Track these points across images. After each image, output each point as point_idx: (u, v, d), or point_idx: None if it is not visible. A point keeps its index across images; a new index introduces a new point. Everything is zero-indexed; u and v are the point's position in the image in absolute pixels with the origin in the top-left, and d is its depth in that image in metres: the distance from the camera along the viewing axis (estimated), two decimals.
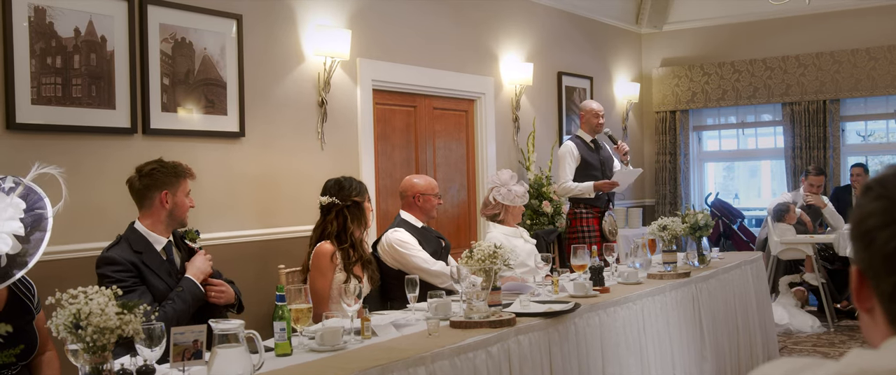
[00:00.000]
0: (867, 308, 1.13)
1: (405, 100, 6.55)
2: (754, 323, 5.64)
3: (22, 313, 2.86)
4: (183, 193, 3.60)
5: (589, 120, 6.59)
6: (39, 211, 2.65)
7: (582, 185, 6.36)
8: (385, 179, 6.26)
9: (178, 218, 3.59)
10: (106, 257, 3.44)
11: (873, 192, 1.11)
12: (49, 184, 2.75)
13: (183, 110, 4.82)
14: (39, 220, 2.62)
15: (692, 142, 9.86)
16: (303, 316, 3.06)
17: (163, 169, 3.61)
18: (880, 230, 1.07)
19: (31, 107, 4.13)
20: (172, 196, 3.56)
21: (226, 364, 2.32)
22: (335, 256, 4.14)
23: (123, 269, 3.38)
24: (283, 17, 5.44)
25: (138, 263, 3.43)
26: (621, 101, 9.35)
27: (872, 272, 1.10)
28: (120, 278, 3.34)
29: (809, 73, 8.91)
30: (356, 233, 4.22)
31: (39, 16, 4.16)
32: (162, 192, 3.55)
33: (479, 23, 7.17)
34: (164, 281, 3.48)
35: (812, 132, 8.92)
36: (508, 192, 5.20)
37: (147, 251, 3.50)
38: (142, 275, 3.43)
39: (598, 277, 4.41)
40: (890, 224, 1.06)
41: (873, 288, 1.10)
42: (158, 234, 3.56)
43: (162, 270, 3.50)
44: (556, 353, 3.61)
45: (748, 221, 9.57)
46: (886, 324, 1.10)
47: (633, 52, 9.71)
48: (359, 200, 4.25)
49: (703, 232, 5.32)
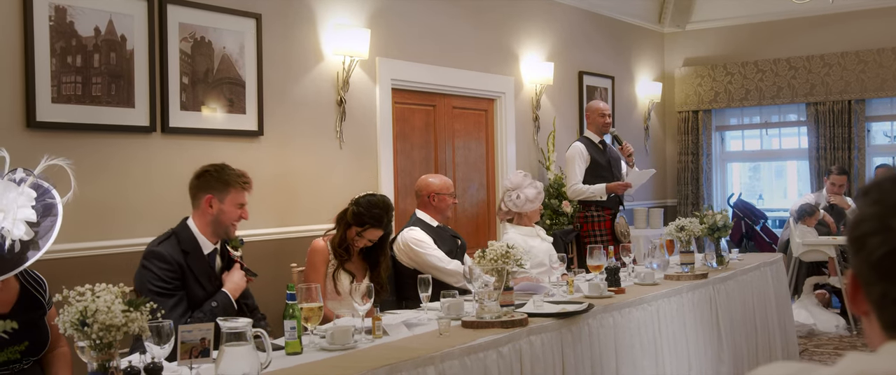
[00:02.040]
0: (863, 312, 1.12)
1: (424, 100, 6.56)
2: (773, 325, 5.59)
3: (33, 307, 2.90)
4: (231, 203, 3.50)
5: (595, 119, 6.55)
6: (50, 200, 2.70)
7: (594, 188, 6.29)
8: (404, 178, 6.27)
9: (223, 225, 3.51)
10: (155, 252, 3.40)
11: (869, 198, 1.10)
12: (58, 177, 2.80)
13: (202, 109, 4.86)
14: (50, 208, 2.68)
15: (715, 143, 9.79)
16: (314, 315, 3.07)
17: (215, 173, 3.54)
18: (871, 236, 1.07)
19: (52, 105, 4.18)
20: (218, 202, 3.49)
21: (233, 363, 2.34)
22: (328, 253, 4.15)
23: (169, 269, 3.35)
24: (302, 17, 5.46)
25: (183, 265, 3.40)
26: (643, 101, 9.30)
27: (864, 278, 1.10)
28: (163, 277, 3.33)
29: (834, 73, 8.82)
30: (349, 242, 4.19)
31: (60, 15, 4.20)
32: (207, 196, 3.49)
33: (500, 22, 7.16)
34: (204, 287, 3.43)
35: (837, 132, 8.83)
36: (518, 198, 5.18)
37: (194, 252, 3.46)
38: (184, 279, 3.39)
39: (614, 278, 4.39)
40: (881, 231, 1.06)
41: (865, 293, 1.10)
42: (207, 238, 3.51)
43: (203, 276, 3.46)
44: (569, 354, 3.61)
45: (772, 222, 9.49)
46: (880, 329, 1.09)
47: (656, 51, 9.66)
48: (349, 218, 4.16)
49: (721, 233, 5.29)
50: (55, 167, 2.77)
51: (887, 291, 1.06)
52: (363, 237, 4.16)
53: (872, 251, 1.06)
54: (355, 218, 4.15)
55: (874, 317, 1.10)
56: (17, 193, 2.62)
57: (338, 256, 4.15)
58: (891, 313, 1.07)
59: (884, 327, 1.09)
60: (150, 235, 4.55)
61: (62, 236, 4.17)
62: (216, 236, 3.55)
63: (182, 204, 4.73)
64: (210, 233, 3.53)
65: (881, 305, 1.08)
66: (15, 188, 2.63)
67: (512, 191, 5.23)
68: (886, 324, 1.08)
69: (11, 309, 2.83)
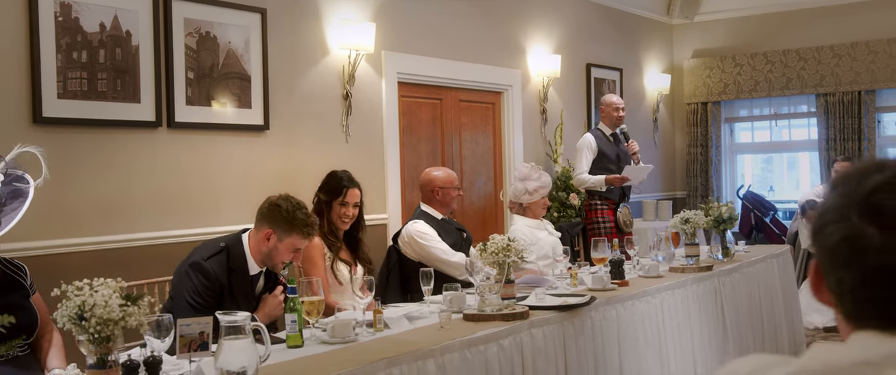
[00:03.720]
0: (827, 302, 1.13)
1: (431, 93, 6.57)
2: (780, 317, 5.58)
3: (14, 288, 2.96)
4: (288, 247, 3.44)
5: (609, 113, 6.71)
6: (20, 186, 2.78)
7: (595, 179, 6.51)
8: (411, 172, 6.28)
9: (273, 261, 3.48)
10: (202, 267, 3.37)
11: (835, 191, 1.11)
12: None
13: (207, 104, 4.88)
14: (19, 193, 2.77)
15: (724, 134, 9.75)
16: (315, 309, 3.09)
17: (285, 212, 3.45)
18: (830, 224, 1.08)
19: (58, 101, 4.21)
20: (276, 240, 3.43)
21: (232, 356, 2.35)
22: (323, 246, 4.18)
23: (209, 287, 3.34)
24: (308, 11, 5.48)
25: (225, 285, 3.38)
26: (652, 93, 9.28)
27: (823, 267, 1.11)
28: (201, 292, 3.32)
29: (844, 64, 8.77)
30: (336, 223, 4.24)
31: (65, 11, 4.23)
32: (268, 230, 3.44)
33: (506, 15, 7.16)
34: (239, 305, 3.38)
35: (846, 123, 8.78)
36: (516, 188, 5.21)
37: (240, 272, 3.45)
38: (221, 297, 3.37)
39: (618, 270, 4.39)
40: (839, 220, 1.06)
41: (826, 283, 1.11)
42: (255, 261, 3.49)
43: (241, 295, 3.44)
44: (571, 347, 3.61)
45: (782, 214, 9.46)
46: (844, 320, 1.10)
47: (664, 43, 9.63)
48: (322, 197, 4.26)
49: (726, 225, 5.28)
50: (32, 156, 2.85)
51: (842, 278, 1.06)
52: (348, 204, 4.25)
53: (828, 238, 1.07)
54: (330, 192, 4.25)
55: (837, 308, 1.11)
56: None
57: (331, 245, 4.19)
58: (848, 301, 1.07)
59: (845, 317, 1.09)
60: (155, 230, 4.61)
61: (68, 231, 4.24)
62: (264, 264, 3.53)
63: (187, 198, 4.78)
64: (259, 259, 3.50)
65: (839, 293, 1.08)
66: None
67: (517, 182, 5.26)
68: (847, 314, 1.09)
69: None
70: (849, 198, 1.06)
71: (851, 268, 1.04)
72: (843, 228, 1.05)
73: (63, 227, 4.24)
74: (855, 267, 1.04)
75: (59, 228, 4.21)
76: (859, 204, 1.04)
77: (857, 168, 1.10)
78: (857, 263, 1.04)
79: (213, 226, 4.82)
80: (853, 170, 1.10)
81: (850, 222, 1.04)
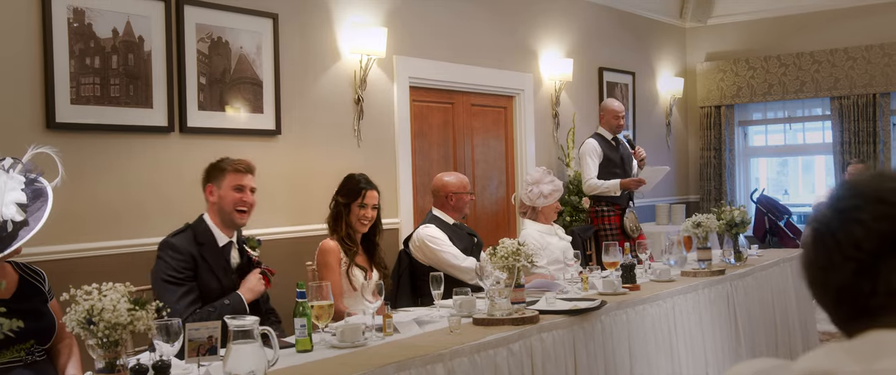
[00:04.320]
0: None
1: (443, 97, 6.57)
2: (794, 322, 5.56)
3: (33, 294, 2.99)
4: (228, 186, 3.58)
5: (609, 120, 6.70)
6: (39, 185, 2.80)
7: (608, 183, 6.47)
8: (422, 177, 6.29)
9: (226, 212, 3.58)
10: (169, 243, 3.49)
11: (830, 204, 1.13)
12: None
13: (219, 109, 4.90)
14: (40, 192, 2.79)
15: (737, 138, 9.72)
16: (324, 313, 3.10)
17: (214, 164, 3.67)
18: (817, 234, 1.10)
19: (71, 106, 4.24)
20: (217, 189, 3.59)
21: (241, 360, 2.37)
22: (339, 251, 4.17)
23: (181, 259, 3.44)
24: (319, 16, 5.50)
25: (197, 256, 3.48)
26: (665, 96, 9.25)
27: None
28: (175, 267, 3.41)
29: (859, 67, 8.72)
30: (355, 226, 4.22)
31: (78, 17, 4.26)
32: (208, 186, 3.62)
33: (518, 19, 7.16)
34: (219, 279, 3.51)
35: (861, 126, 8.74)
36: (531, 192, 5.19)
37: (209, 244, 3.55)
38: (197, 269, 3.47)
39: (629, 274, 4.38)
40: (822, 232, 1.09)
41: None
42: (221, 231, 3.60)
43: (218, 268, 3.53)
44: (581, 351, 3.61)
45: (797, 218, 9.40)
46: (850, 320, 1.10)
47: (677, 46, 9.61)
48: (341, 200, 4.23)
49: (739, 228, 5.26)
50: (47, 157, 2.87)
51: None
52: (367, 206, 4.21)
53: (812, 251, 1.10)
54: (349, 195, 4.22)
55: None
56: (5, 178, 2.73)
57: (347, 250, 4.17)
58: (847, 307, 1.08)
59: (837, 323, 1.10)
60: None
61: (81, 236, 4.26)
62: (228, 227, 3.62)
63: (200, 203, 4.79)
64: (222, 225, 3.60)
65: (837, 303, 1.09)
66: (3, 174, 2.73)
67: (529, 186, 5.25)
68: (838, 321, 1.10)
69: (12, 295, 2.93)
70: (836, 210, 1.09)
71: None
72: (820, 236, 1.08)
73: (75, 232, 4.27)
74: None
75: (71, 233, 4.24)
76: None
77: (848, 186, 1.12)
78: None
79: None
80: (844, 186, 1.13)
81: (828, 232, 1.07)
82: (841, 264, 1.06)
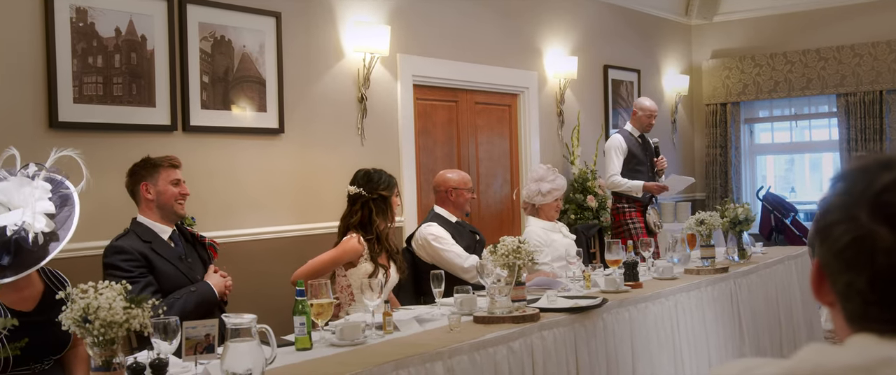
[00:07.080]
0: (828, 302, 1.11)
1: (447, 96, 6.57)
2: (798, 320, 5.54)
3: (57, 304, 2.95)
4: (165, 182, 3.67)
5: (641, 119, 6.70)
6: (65, 191, 2.77)
7: (631, 183, 6.48)
8: (426, 175, 6.29)
9: (166, 205, 3.67)
10: (115, 246, 3.54)
11: (838, 186, 1.08)
12: (70, 168, 2.87)
13: (222, 107, 4.91)
14: (66, 198, 2.75)
15: (743, 135, 9.69)
16: (324, 311, 3.10)
17: (140, 164, 3.73)
18: (837, 225, 1.05)
19: (73, 105, 4.25)
20: (153, 186, 3.66)
21: (238, 358, 2.37)
22: (362, 252, 4.15)
23: (132, 258, 3.49)
24: (322, 14, 5.50)
25: (147, 252, 3.54)
26: (670, 94, 9.23)
27: (829, 268, 1.08)
28: (127, 268, 3.45)
29: (865, 63, 8.68)
30: (380, 226, 4.20)
31: (81, 16, 4.27)
32: (142, 184, 3.66)
33: (522, 17, 7.15)
34: (175, 266, 3.60)
35: (868, 123, 8.70)
36: (530, 188, 5.20)
37: (155, 240, 3.62)
38: (151, 265, 3.53)
39: (632, 272, 4.37)
40: (845, 220, 1.04)
41: (831, 283, 1.09)
42: (162, 224, 3.68)
43: (173, 256, 3.63)
44: (583, 349, 3.60)
45: (803, 215, 9.37)
46: (844, 321, 1.08)
47: (683, 43, 9.58)
48: (386, 194, 4.22)
49: (743, 226, 5.24)
50: (69, 159, 2.83)
51: (852, 281, 1.03)
52: (397, 198, 4.34)
53: (837, 240, 1.05)
54: (388, 187, 4.25)
55: (839, 308, 1.09)
56: (32, 187, 2.69)
57: (372, 250, 4.13)
58: (855, 304, 1.05)
59: (848, 319, 1.07)
60: None
61: (83, 234, 4.26)
62: (169, 220, 3.70)
63: (202, 202, 4.81)
64: (162, 219, 3.68)
65: (846, 295, 1.06)
66: (29, 182, 2.70)
67: (532, 183, 5.25)
68: (850, 316, 1.07)
69: (36, 306, 2.89)
70: (856, 198, 1.03)
71: (861, 271, 1.02)
72: (853, 229, 1.02)
73: (77, 231, 4.24)
74: (865, 269, 1.01)
75: (74, 231, 4.23)
76: (869, 205, 1.01)
77: (861, 165, 1.07)
78: (867, 265, 1.01)
79: (227, 230, 4.85)
80: (857, 166, 1.08)
81: (859, 222, 1.02)
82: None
